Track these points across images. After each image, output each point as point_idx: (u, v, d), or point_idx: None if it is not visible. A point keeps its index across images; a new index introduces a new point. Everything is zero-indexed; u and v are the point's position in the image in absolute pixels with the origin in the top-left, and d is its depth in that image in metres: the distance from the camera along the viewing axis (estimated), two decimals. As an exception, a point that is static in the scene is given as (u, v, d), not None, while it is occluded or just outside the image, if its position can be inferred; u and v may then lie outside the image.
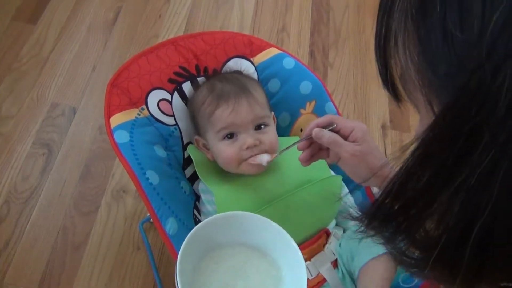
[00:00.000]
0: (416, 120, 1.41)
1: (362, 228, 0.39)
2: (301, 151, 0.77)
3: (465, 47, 0.28)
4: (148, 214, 0.82)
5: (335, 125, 0.71)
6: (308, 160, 0.76)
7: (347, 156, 0.70)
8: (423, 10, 0.30)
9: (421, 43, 0.31)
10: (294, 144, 0.76)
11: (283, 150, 0.79)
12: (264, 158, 0.80)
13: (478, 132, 0.28)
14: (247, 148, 0.80)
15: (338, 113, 0.96)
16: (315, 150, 0.75)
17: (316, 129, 0.71)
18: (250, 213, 0.70)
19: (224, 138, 0.82)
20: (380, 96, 1.50)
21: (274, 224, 0.69)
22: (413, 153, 0.32)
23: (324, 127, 0.72)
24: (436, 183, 0.31)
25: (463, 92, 0.28)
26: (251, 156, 0.81)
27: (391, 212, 0.36)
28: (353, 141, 0.70)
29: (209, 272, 0.67)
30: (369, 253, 0.76)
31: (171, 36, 1.46)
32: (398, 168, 0.33)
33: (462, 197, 0.29)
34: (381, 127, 1.43)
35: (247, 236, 0.70)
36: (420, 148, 0.32)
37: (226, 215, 0.69)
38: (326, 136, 0.70)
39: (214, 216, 0.69)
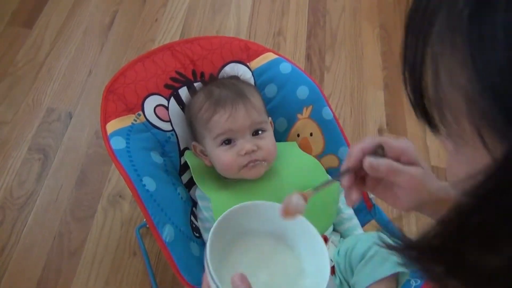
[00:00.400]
0: (413, 125, 1.41)
1: (402, 260, 0.36)
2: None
3: None
4: (145, 219, 0.82)
5: (382, 148, 0.58)
6: (359, 200, 0.61)
7: (407, 183, 0.57)
8: (478, 36, 0.27)
9: (477, 72, 0.28)
10: (333, 180, 0.63)
11: (318, 187, 0.63)
12: (299, 203, 0.63)
13: None
14: (245, 153, 0.80)
15: (335, 118, 0.96)
16: (361, 185, 0.61)
17: (371, 160, 0.56)
18: (278, 204, 0.67)
19: (222, 144, 0.82)
20: (376, 100, 1.50)
21: (301, 217, 0.67)
22: (475, 192, 0.29)
23: (369, 153, 0.59)
24: (501, 226, 0.29)
25: None
26: (249, 162, 0.81)
27: (445, 249, 0.33)
28: (408, 163, 0.58)
29: (235, 259, 0.66)
30: (371, 276, 0.76)
31: (167, 40, 1.46)
32: (460, 202, 0.30)
33: None
34: (378, 131, 1.43)
35: (273, 226, 0.69)
36: (483, 190, 0.29)
37: (255, 204, 0.68)
38: (383, 165, 0.56)
39: (243, 203, 0.67)
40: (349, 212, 0.92)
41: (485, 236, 0.30)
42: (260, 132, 0.84)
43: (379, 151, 0.57)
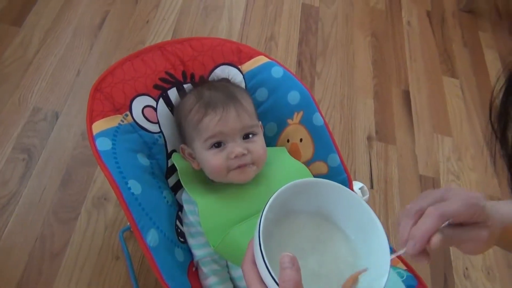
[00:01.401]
0: (402, 133, 1.41)
1: None
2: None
3: None
4: (129, 223, 0.80)
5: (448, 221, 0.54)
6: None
7: (471, 249, 0.57)
8: None
9: None
10: (396, 254, 0.58)
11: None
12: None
13: None
14: (235, 157, 0.79)
15: (325, 125, 0.95)
16: (426, 256, 0.57)
17: (440, 239, 0.53)
18: (344, 187, 0.62)
19: (212, 147, 0.81)
20: (366, 108, 1.50)
21: (364, 203, 0.61)
22: None
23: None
24: None
25: None
26: (239, 166, 0.80)
27: None
28: (474, 223, 0.55)
29: (282, 240, 0.60)
30: None
31: (158, 42, 1.45)
32: None
33: None
34: (367, 139, 1.43)
35: (332, 209, 0.63)
36: None
37: (303, 182, 0.62)
38: (450, 241, 0.55)
39: (292, 182, 0.61)
40: None
41: None
42: (251, 135, 0.83)
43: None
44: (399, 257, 0.95)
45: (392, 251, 0.59)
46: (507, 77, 0.32)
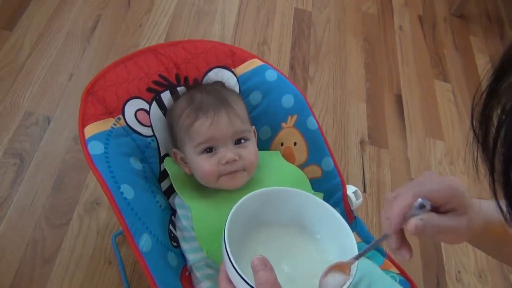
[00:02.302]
0: (394, 137, 1.41)
1: None
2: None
3: None
4: (121, 228, 0.79)
5: (429, 205, 0.54)
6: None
7: (451, 238, 0.57)
8: None
9: None
10: (375, 243, 0.61)
11: (360, 255, 0.59)
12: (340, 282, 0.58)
13: None
14: (226, 162, 0.79)
15: (319, 129, 0.95)
16: (407, 246, 0.57)
17: (416, 223, 0.52)
18: (302, 191, 0.65)
19: (203, 152, 0.80)
20: (359, 112, 1.51)
21: (326, 205, 0.64)
22: None
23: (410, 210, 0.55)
24: None
25: None
26: (230, 172, 0.80)
27: None
28: (451, 210, 0.55)
29: (254, 250, 0.62)
30: None
31: (151, 46, 1.44)
32: None
33: None
34: (359, 143, 1.44)
35: (296, 215, 0.65)
36: None
37: (276, 190, 0.64)
38: (429, 227, 0.53)
39: (263, 189, 0.64)
40: None
41: None
42: (242, 141, 0.82)
43: (423, 205, 0.53)
44: (391, 261, 0.95)
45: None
46: (489, 81, 0.32)
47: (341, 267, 0.58)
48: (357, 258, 0.58)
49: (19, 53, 1.33)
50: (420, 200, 0.53)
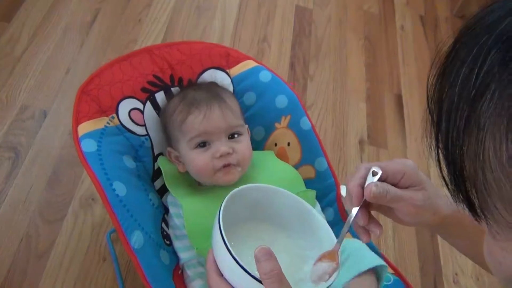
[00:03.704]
0: (394, 138, 1.40)
1: None
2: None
3: None
4: (113, 224, 0.79)
5: (380, 172, 0.57)
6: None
7: (407, 209, 0.57)
8: None
9: None
10: (346, 228, 0.60)
11: (340, 240, 0.62)
12: (320, 274, 0.61)
13: None
14: (220, 156, 0.79)
15: (313, 129, 0.95)
16: (374, 222, 0.59)
17: (372, 187, 0.55)
18: (282, 189, 0.67)
19: (197, 146, 0.80)
20: (358, 112, 1.50)
21: (305, 203, 0.67)
22: None
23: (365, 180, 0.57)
24: None
25: None
26: (224, 165, 0.79)
27: None
28: (409, 186, 0.58)
29: (237, 247, 0.63)
30: (351, 272, 0.75)
31: (150, 42, 1.44)
32: None
33: None
34: (359, 143, 1.43)
35: (279, 213, 0.67)
36: None
37: (255, 187, 0.66)
38: (384, 192, 0.55)
39: (242, 187, 0.66)
40: None
41: None
42: (236, 135, 0.82)
43: (375, 172, 0.57)
44: (386, 261, 0.94)
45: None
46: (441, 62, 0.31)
47: (329, 256, 0.60)
48: (339, 243, 0.61)
49: (16, 45, 1.32)
50: (372, 168, 0.57)
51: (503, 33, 0.26)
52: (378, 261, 0.79)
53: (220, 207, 0.59)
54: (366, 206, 0.58)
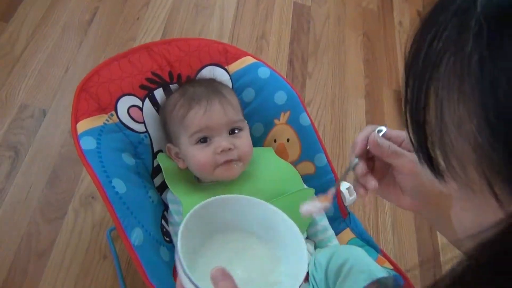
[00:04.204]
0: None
1: None
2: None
3: None
4: (113, 222, 0.79)
5: (385, 128, 0.59)
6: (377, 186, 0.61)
7: (407, 166, 0.58)
8: (490, 82, 0.25)
9: (487, 119, 0.26)
10: (348, 169, 0.63)
11: (339, 182, 0.69)
12: (315, 208, 0.65)
13: None
14: (221, 151, 0.79)
15: (312, 125, 0.95)
16: (379, 172, 0.61)
17: (376, 137, 0.57)
18: (248, 197, 0.69)
19: (198, 142, 0.80)
20: (357, 108, 1.50)
21: (272, 207, 0.68)
22: (481, 253, 0.27)
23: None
24: None
25: None
26: (225, 161, 0.79)
27: None
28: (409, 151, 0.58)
29: (208, 258, 0.65)
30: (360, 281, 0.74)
31: (149, 40, 1.43)
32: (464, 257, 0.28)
33: None
34: (358, 139, 1.43)
35: (245, 220, 0.68)
36: (493, 250, 0.27)
37: (224, 198, 0.67)
38: (386, 145, 0.57)
39: (212, 198, 0.66)
40: (323, 223, 0.91)
41: None
42: (236, 131, 0.82)
43: (380, 130, 0.59)
44: (385, 256, 0.94)
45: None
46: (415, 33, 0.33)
47: (322, 199, 0.64)
48: (335, 188, 0.65)
49: (15, 45, 1.32)
50: (379, 127, 0.60)
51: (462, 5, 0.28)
52: (378, 273, 0.78)
53: (177, 242, 0.59)
54: (367, 159, 0.60)
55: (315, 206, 0.63)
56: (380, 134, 0.59)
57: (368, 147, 0.59)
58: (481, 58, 0.26)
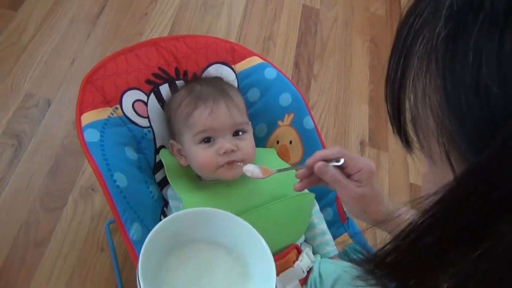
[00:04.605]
0: (395, 140, 1.41)
1: (361, 273, 0.37)
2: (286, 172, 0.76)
3: (501, 103, 0.26)
4: (113, 215, 0.79)
5: (342, 161, 0.67)
6: (303, 189, 0.73)
7: (346, 198, 0.68)
8: (450, 58, 0.28)
9: (446, 93, 0.28)
10: (294, 168, 0.72)
11: (281, 170, 0.75)
12: (255, 172, 0.76)
13: (510, 199, 0.26)
14: (224, 153, 0.79)
15: (316, 128, 0.95)
16: (314, 181, 0.71)
17: (321, 164, 0.66)
18: (218, 210, 0.70)
19: (201, 142, 0.80)
20: (360, 113, 1.50)
21: (243, 221, 0.69)
22: (429, 210, 0.30)
23: (330, 160, 0.68)
24: (454, 246, 0.29)
25: (495, 153, 0.26)
26: (227, 162, 0.79)
27: (399, 265, 0.34)
28: (357, 181, 0.67)
29: (173, 271, 0.66)
30: None
31: (156, 36, 1.44)
32: (411, 220, 0.31)
33: (485, 266, 0.27)
34: (360, 144, 1.43)
35: (213, 234, 0.69)
36: (439, 207, 0.29)
37: (193, 211, 0.68)
38: (330, 173, 0.67)
39: (180, 212, 0.68)
40: (322, 227, 0.91)
41: (436, 255, 0.31)
42: (240, 133, 0.82)
43: (338, 160, 0.67)
44: None
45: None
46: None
47: (264, 171, 0.74)
48: (278, 171, 0.74)
49: (23, 34, 1.32)
50: (341, 153, 0.67)
51: None
52: None
53: (138, 264, 0.61)
54: (315, 178, 0.70)
55: (254, 169, 0.75)
56: (334, 163, 0.66)
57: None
58: (447, 36, 0.28)
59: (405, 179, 1.40)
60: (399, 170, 1.41)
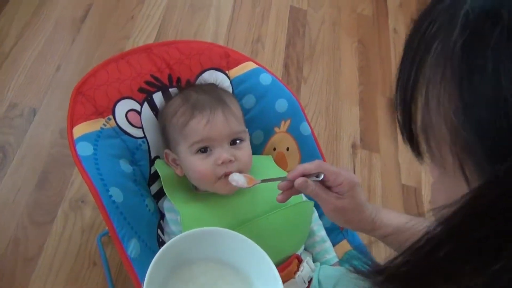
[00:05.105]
0: (386, 142, 1.40)
1: (368, 285, 0.36)
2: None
3: None
4: (109, 232, 0.77)
5: (322, 176, 0.67)
6: (285, 200, 0.73)
7: (327, 211, 0.69)
8: (468, 68, 0.28)
9: (463, 103, 0.28)
10: (277, 179, 0.72)
11: (265, 180, 0.75)
12: (240, 181, 0.76)
13: None
14: (222, 163, 0.76)
15: (312, 134, 0.93)
16: (295, 192, 0.72)
17: (301, 180, 0.67)
18: (224, 229, 0.68)
19: (198, 152, 0.78)
20: (351, 115, 1.49)
21: (248, 240, 0.68)
22: (445, 221, 0.29)
23: (310, 175, 0.68)
24: (471, 259, 0.28)
25: None
26: (225, 173, 0.77)
27: (412, 277, 0.33)
28: (337, 193, 0.68)
29: (182, 283, 0.65)
30: None
31: (143, 39, 1.41)
32: (425, 231, 0.31)
33: (505, 281, 0.27)
34: (351, 146, 1.42)
35: (219, 253, 0.68)
36: (456, 219, 0.29)
37: (198, 231, 0.67)
38: (309, 189, 0.68)
39: (186, 232, 0.66)
40: (321, 234, 0.89)
41: (451, 268, 0.30)
42: (238, 141, 0.80)
43: (318, 175, 0.67)
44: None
45: None
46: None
47: (249, 180, 0.75)
48: (262, 181, 0.75)
49: (4, 41, 1.28)
50: (321, 167, 0.68)
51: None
52: None
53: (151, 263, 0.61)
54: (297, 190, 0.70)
55: (239, 178, 0.75)
56: (314, 177, 0.67)
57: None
58: (463, 45, 0.28)
59: (397, 180, 1.40)
60: (391, 171, 1.41)
